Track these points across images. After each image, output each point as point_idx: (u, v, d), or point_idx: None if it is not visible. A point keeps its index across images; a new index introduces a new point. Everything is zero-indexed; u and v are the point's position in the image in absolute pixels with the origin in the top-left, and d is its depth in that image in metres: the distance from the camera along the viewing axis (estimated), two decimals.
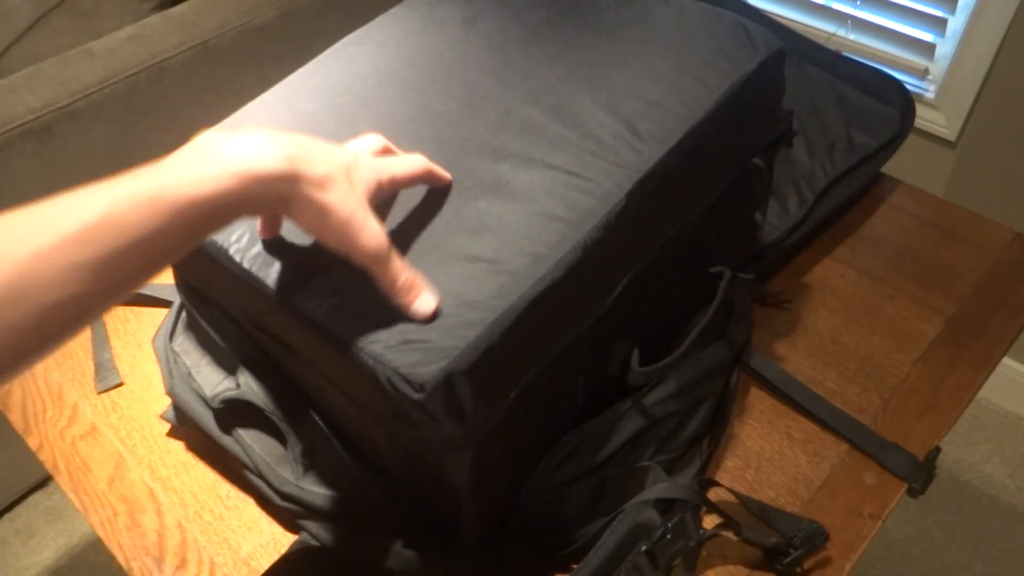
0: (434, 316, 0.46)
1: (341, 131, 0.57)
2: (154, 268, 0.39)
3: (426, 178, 0.51)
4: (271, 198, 0.42)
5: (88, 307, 0.37)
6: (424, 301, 0.46)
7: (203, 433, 0.62)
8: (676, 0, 0.64)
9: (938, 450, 0.60)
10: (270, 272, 0.51)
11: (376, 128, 0.57)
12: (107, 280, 0.37)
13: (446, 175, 0.53)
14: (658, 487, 0.55)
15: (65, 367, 0.72)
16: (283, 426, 0.58)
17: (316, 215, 0.43)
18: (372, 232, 0.45)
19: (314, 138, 0.45)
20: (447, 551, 0.55)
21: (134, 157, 1.23)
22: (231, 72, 1.31)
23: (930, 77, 1.27)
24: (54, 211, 0.36)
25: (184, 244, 0.40)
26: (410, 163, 0.50)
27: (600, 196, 0.51)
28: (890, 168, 0.82)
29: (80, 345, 0.73)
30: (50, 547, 1.41)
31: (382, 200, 0.49)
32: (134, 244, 0.37)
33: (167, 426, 0.67)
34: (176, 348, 0.65)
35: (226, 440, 0.61)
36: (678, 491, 0.54)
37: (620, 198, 0.51)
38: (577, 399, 0.57)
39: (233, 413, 0.61)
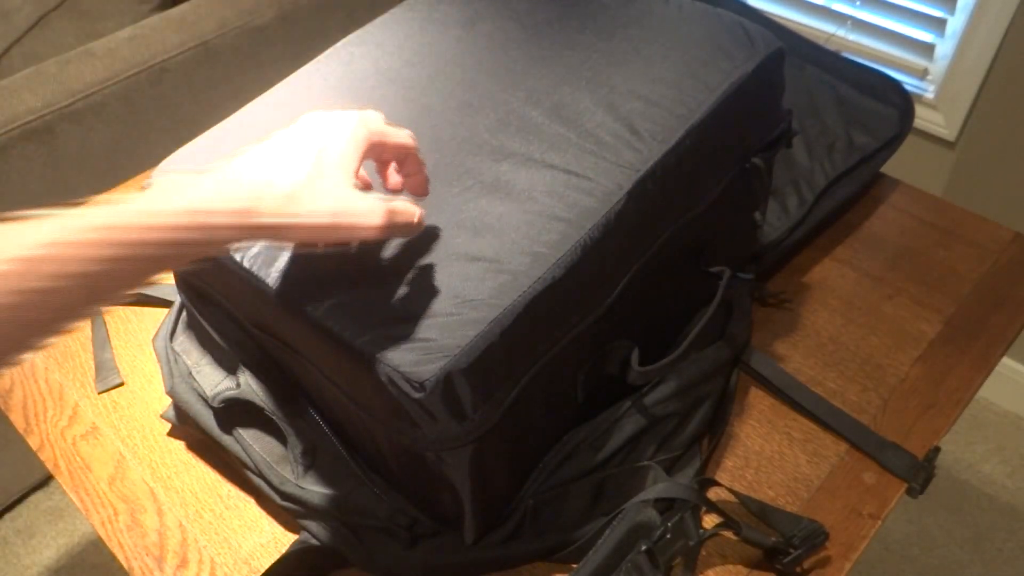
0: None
1: None
2: (99, 303, 0.37)
3: (412, 160, 0.50)
4: (234, 236, 0.40)
5: (22, 340, 0.35)
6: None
7: (203, 433, 0.62)
8: (676, 0, 0.64)
9: (937, 450, 0.60)
10: (271, 271, 0.51)
11: None
12: (46, 313, 0.35)
13: (425, 184, 0.51)
14: (658, 487, 0.55)
15: (66, 367, 0.72)
16: (283, 426, 0.58)
17: (296, 235, 0.42)
18: (366, 216, 0.42)
19: (288, 129, 0.44)
20: (447, 550, 0.55)
21: (134, 157, 1.23)
22: (231, 72, 1.31)
23: (929, 77, 1.27)
24: None
25: (133, 280, 0.38)
26: (401, 135, 0.48)
27: (600, 196, 0.51)
28: (889, 168, 0.82)
29: (81, 345, 0.73)
30: (51, 547, 1.41)
31: (382, 160, 0.49)
32: (78, 277, 0.35)
33: (168, 426, 0.67)
34: (176, 348, 0.65)
35: (226, 440, 0.61)
36: (678, 491, 0.54)
37: (620, 197, 0.51)
38: (577, 398, 0.57)
39: (233, 413, 0.61)
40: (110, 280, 0.37)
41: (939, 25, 1.22)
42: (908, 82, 1.29)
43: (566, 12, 0.64)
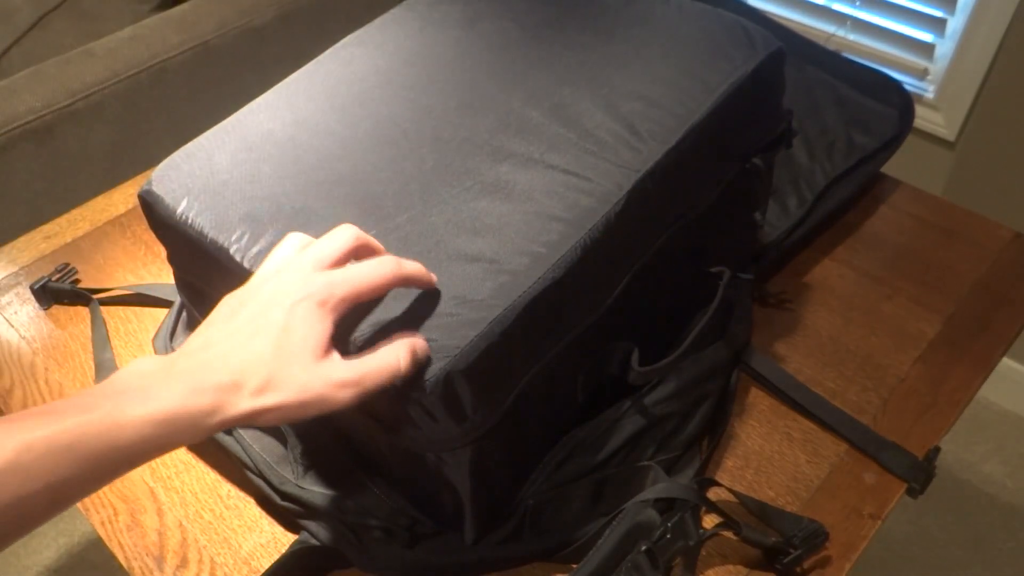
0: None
1: (341, 131, 0.57)
2: (62, 508, 0.38)
3: (396, 283, 0.45)
4: (202, 437, 0.41)
5: None
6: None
7: None
8: (676, 0, 0.64)
9: (937, 449, 0.60)
10: None
11: (376, 128, 0.57)
12: (7, 522, 0.35)
13: (428, 276, 0.47)
14: (658, 487, 0.55)
15: (66, 367, 0.72)
16: (283, 426, 0.58)
17: (264, 422, 0.42)
18: (334, 395, 0.42)
19: (253, 326, 0.42)
20: (447, 550, 0.55)
21: (134, 157, 1.23)
22: (231, 72, 1.31)
23: (929, 77, 1.27)
24: None
25: (98, 486, 0.39)
26: (368, 275, 0.44)
27: (600, 196, 0.51)
28: (889, 168, 0.82)
29: (81, 345, 0.73)
30: (51, 546, 1.41)
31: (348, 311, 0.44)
32: (42, 490, 0.36)
33: None
34: (177, 348, 0.65)
35: (226, 439, 0.61)
36: (678, 491, 0.54)
37: (620, 198, 0.51)
38: (577, 399, 0.57)
39: None
40: (74, 489, 0.37)
41: (939, 25, 1.22)
42: (908, 82, 1.29)
43: (566, 12, 0.64)
